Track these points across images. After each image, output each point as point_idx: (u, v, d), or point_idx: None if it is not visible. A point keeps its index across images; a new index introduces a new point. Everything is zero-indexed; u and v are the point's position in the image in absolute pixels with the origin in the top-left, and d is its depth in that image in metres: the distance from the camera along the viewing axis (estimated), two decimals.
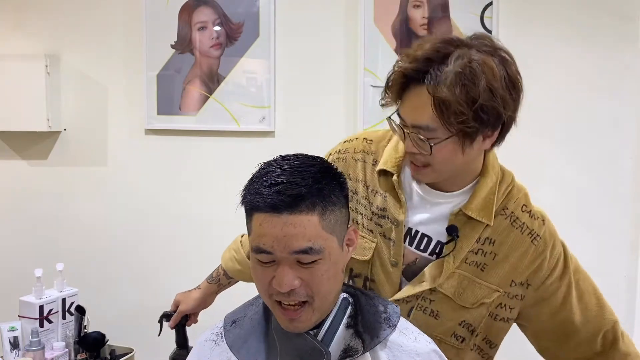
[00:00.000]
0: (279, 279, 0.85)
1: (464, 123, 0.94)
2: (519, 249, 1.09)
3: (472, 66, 0.94)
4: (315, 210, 0.85)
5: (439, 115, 0.95)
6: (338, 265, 0.90)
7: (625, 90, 2.10)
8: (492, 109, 0.95)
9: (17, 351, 1.73)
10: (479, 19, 2.14)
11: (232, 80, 2.29)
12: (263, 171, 0.88)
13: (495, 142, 1.04)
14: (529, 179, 2.16)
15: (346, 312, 0.95)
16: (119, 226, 2.44)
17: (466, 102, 0.93)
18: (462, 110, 0.93)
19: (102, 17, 2.39)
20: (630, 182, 2.12)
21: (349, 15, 2.22)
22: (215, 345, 1.00)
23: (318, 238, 0.85)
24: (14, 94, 2.34)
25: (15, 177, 2.50)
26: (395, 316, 0.97)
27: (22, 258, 2.46)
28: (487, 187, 1.07)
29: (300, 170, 0.86)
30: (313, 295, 0.87)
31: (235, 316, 1.03)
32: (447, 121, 0.95)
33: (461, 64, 0.94)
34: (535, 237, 1.10)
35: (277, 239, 0.83)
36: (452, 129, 0.96)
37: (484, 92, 0.94)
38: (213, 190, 2.26)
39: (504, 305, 1.14)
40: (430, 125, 0.97)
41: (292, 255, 0.84)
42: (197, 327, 1.46)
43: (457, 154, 0.99)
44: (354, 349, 0.91)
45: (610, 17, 2.08)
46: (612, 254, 2.14)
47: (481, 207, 1.07)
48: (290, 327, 0.90)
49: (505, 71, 0.98)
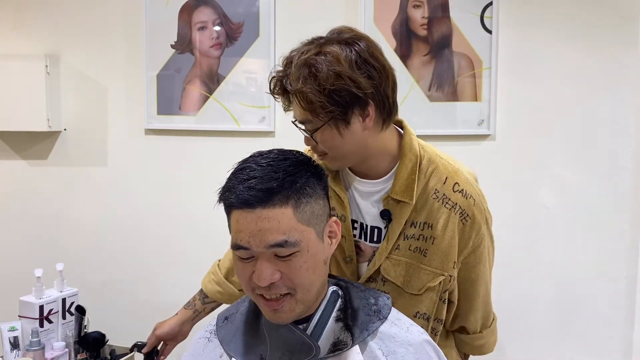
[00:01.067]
0: (258, 273, 0.85)
1: (325, 108, 1.02)
2: (451, 228, 1.13)
3: (311, 58, 1.02)
4: (289, 203, 0.85)
5: (304, 108, 1.04)
6: (318, 257, 0.90)
7: (625, 90, 2.10)
8: (344, 90, 1.01)
9: (17, 351, 1.73)
10: (479, 19, 2.14)
11: (232, 80, 2.29)
12: (238, 168, 0.91)
13: (383, 122, 1.10)
14: (529, 179, 2.18)
15: (335, 305, 0.95)
16: (119, 226, 2.44)
17: (318, 90, 1.01)
18: (317, 98, 1.01)
19: (102, 17, 2.39)
20: (630, 182, 2.12)
21: (349, 15, 2.22)
22: (208, 342, 1.01)
23: (293, 231, 0.85)
24: (14, 94, 2.34)
25: (15, 177, 2.50)
26: (386, 308, 0.97)
27: (22, 258, 2.47)
28: (406, 169, 1.12)
29: (273, 165, 0.88)
30: (294, 287, 0.87)
31: (228, 313, 1.04)
32: (313, 112, 1.04)
33: (301, 60, 1.02)
34: (465, 217, 1.14)
35: (253, 234, 0.84)
36: (321, 117, 1.04)
37: (330, 78, 1.00)
38: (213, 190, 2.26)
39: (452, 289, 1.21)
40: (306, 119, 1.07)
41: (268, 250, 0.85)
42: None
43: (337, 137, 1.06)
44: (343, 342, 0.91)
45: (610, 17, 2.08)
46: (612, 254, 2.14)
47: (404, 189, 1.11)
48: (275, 318, 0.90)
49: (354, 54, 1.02)
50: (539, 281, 2.18)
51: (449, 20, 2.15)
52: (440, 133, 2.18)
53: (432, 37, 2.17)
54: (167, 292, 2.43)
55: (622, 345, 2.15)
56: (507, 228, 2.19)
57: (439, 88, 2.17)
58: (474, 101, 2.16)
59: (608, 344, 2.16)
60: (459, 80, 2.16)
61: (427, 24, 2.17)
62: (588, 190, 2.14)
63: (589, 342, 2.17)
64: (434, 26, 2.16)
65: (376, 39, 1.11)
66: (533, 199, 2.18)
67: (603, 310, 2.15)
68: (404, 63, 2.17)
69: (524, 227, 2.18)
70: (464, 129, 2.18)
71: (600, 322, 2.16)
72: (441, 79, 2.17)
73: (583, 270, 2.16)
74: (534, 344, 2.19)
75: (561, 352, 2.18)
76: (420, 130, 2.26)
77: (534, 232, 2.18)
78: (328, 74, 1.00)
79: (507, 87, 2.15)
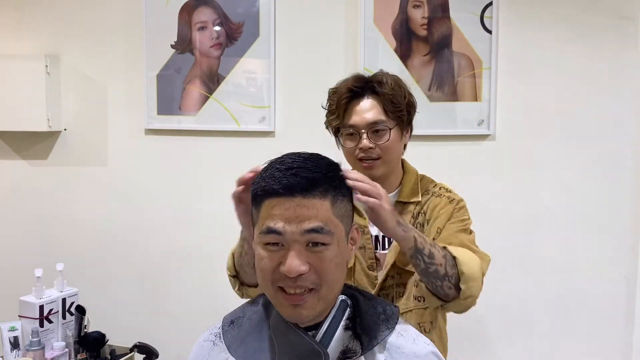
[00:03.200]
0: (288, 263, 0.84)
1: (401, 112, 1.33)
2: (440, 206, 1.36)
3: (397, 78, 1.37)
4: (327, 197, 0.86)
5: (386, 109, 1.32)
6: (344, 256, 0.90)
7: (625, 90, 2.10)
8: (412, 105, 1.37)
9: (17, 351, 1.74)
10: (479, 19, 2.14)
11: (232, 80, 2.30)
12: (277, 160, 0.90)
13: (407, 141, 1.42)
14: (529, 179, 2.18)
15: (345, 313, 0.95)
16: (119, 226, 2.44)
17: (401, 96, 1.33)
18: (400, 101, 1.32)
19: (102, 17, 2.39)
20: (630, 182, 2.12)
21: (349, 15, 2.22)
22: (213, 345, 1.00)
23: (329, 222, 0.86)
24: (14, 94, 2.34)
25: (15, 177, 2.50)
26: (394, 318, 0.97)
27: (22, 258, 2.47)
28: (411, 181, 1.40)
29: (313, 160, 0.89)
30: (320, 283, 0.86)
31: (234, 316, 1.03)
32: (392, 113, 1.32)
33: (392, 77, 1.36)
34: (452, 200, 1.37)
35: (289, 220, 0.84)
36: (396, 118, 1.33)
37: (408, 94, 1.36)
38: (213, 190, 2.26)
39: None
40: (382, 118, 1.32)
41: (303, 236, 0.84)
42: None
43: (397, 141, 1.34)
44: (352, 350, 0.91)
45: (610, 17, 2.08)
46: (612, 254, 2.14)
47: (410, 193, 1.38)
48: (294, 314, 0.88)
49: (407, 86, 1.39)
50: (539, 281, 2.18)
51: (449, 20, 2.15)
52: (440, 133, 2.18)
53: (432, 37, 2.17)
54: (167, 292, 2.43)
55: (622, 345, 2.15)
56: (507, 228, 2.19)
57: (439, 88, 2.17)
58: (474, 101, 2.16)
59: (608, 344, 2.16)
60: (459, 80, 2.16)
61: (427, 24, 2.17)
62: (588, 190, 2.14)
63: (589, 342, 2.17)
64: (434, 26, 2.16)
65: (376, 39, 1.13)
66: (533, 199, 2.18)
67: (603, 310, 2.15)
68: (404, 63, 2.17)
69: (524, 227, 2.18)
70: (464, 129, 2.18)
71: (600, 322, 2.16)
72: (441, 79, 2.17)
73: (583, 270, 2.15)
74: (534, 344, 2.19)
75: (561, 352, 2.18)
76: (420, 131, 2.26)
77: (534, 232, 2.18)
78: (407, 91, 1.36)
79: (507, 87, 2.15)
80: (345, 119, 1.35)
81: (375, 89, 1.33)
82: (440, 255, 1.15)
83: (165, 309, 2.43)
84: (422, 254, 1.13)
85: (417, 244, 1.13)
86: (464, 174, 2.20)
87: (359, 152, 1.33)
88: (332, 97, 1.38)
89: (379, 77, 1.35)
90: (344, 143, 1.37)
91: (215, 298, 1.58)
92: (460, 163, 2.20)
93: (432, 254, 1.14)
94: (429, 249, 1.14)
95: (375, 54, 2.18)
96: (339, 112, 1.35)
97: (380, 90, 1.32)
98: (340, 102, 1.34)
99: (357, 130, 1.33)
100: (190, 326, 1.63)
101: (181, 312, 2.40)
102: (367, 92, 1.34)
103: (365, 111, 1.33)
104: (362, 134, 1.32)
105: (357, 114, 1.33)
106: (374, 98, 1.33)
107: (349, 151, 1.36)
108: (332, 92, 1.38)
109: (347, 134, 1.35)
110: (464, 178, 2.21)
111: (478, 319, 2.22)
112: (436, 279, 1.16)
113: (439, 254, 1.15)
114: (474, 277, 1.18)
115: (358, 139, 1.33)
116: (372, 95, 1.33)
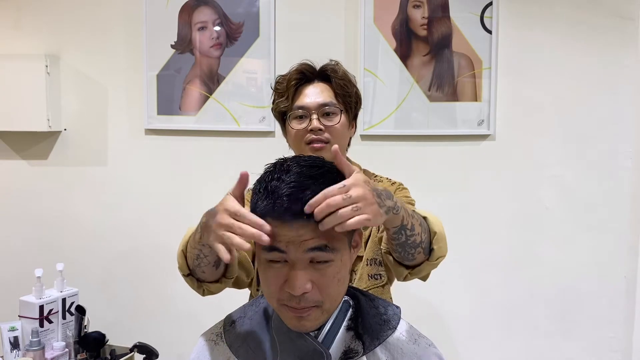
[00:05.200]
0: (292, 282, 0.83)
1: (350, 98, 1.35)
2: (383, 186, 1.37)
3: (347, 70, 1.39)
4: None
5: (337, 93, 1.34)
6: (347, 267, 0.90)
7: (625, 90, 2.10)
8: (359, 98, 1.40)
9: (17, 351, 1.74)
10: (478, 19, 2.14)
11: (232, 80, 2.30)
12: (273, 176, 0.85)
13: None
14: (529, 179, 2.18)
15: (347, 314, 0.95)
16: (119, 226, 2.44)
17: (352, 84, 1.37)
18: (350, 90, 1.35)
19: (102, 17, 2.39)
20: (630, 182, 2.12)
21: (349, 15, 2.22)
22: (215, 345, 1.00)
23: (333, 238, 0.84)
24: (14, 94, 2.34)
25: (15, 177, 2.50)
26: (395, 318, 0.97)
27: (22, 258, 2.47)
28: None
29: (314, 176, 0.85)
30: (323, 300, 0.86)
31: (235, 316, 1.03)
32: (342, 97, 1.34)
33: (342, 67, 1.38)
34: (394, 183, 1.42)
35: (292, 240, 0.82)
36: (346, 105, 1.35)
37: (356, 87, 1.39)
38: (213, 190, 2.26)
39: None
40: (332, 101, 1.33)
41: (306, 254, 0.83)
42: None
43: (345, 127, 1.35)
44: (354, 350, 0.91)
45: (610, 17, 2.08)
46: (612, 254, 2.14)
47: None
48: (298, 326, 0.88)
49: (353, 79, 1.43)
50: (539, 281, 2.18)
51: (449, 20, 2.15)
52: (440, 133, 2.18)
53: (432, 37, 2.17)
54: (167, 292, 2.43)
55: (622, 345, 2.15)
56: (507, 228, 2.19)
57: (439, 88, 2.17)
58: (473, 101, 2.16)
59: (608, 344, 2.16)
60: (458, 80, 2.16)
61: (427, 24, 2.17)
62: (588, 190, 2.14)
63: (589, 342, 2.17)
64: (434, 26, 2.16)
65: (376, 39, 1.13)
66: (533, 199, 2.18)
67: (603, 310, 2.15)
68: (403, 63, 2.17)
69: (524, 227, 2.18)
70: (464, 129, 2.18)
71: (600, 322, 2.16)
72: (441, 79, 2.17)
73: (583, 270, 2.15)
74: (534, 344, 2.19)
75: (561, 352, 2.18)
76: (420, 131, 2.29)
77: (534, 232, 2.18)
78: (354, 80, 1.39)
79: (507, 87, 2.15)
80: (294, 101, 1.34)
81: (326, 75, 1.35)
82: (418, 224, 1.07)
83: (165, 309, 2.43)
84: (405, 229, 1.04)
85: (403, 222, 1.02)
86: (464, 174, 2.20)
87: (308, 135, 1.31)
88: (280, 81, 1.38)
89: (331, 65, 1.37)
90: (292, 125, 1.34)
91: (215, 298, 1.57)
92: (460, 163, 2.20)
93: (413, 226, 1.05)
94: (411, 222, 1.04)
95: (375, 54, 2.18)
96: (289, 93, 1.35)
97: (332, 75, 1.34)
98: (289, 84, 1.34)
99: (307, 112, 1.32)
100: (190, 326, 1.63)
101: (181, 312, 2.39)
102: (318, 77, 1.35)
103: (316, 94, 1.33)
104: (313, 114, 1.31)
105: (308, 96, 1.33)
106: (325, 82, 1.35)
107: (297, 135, 1.33)
108: (281, 77, 1.38)
109: (296, 117, 1.34)
110: (464, 178, 2.22)
111: (478, 318, 2.22)
112: (412, 248, 1.10)
113: (416, 222, 1.06)
114: (443, 236, 1.15)
115: (307, 122, 1.32)
116: (322, 80, 1.35)
